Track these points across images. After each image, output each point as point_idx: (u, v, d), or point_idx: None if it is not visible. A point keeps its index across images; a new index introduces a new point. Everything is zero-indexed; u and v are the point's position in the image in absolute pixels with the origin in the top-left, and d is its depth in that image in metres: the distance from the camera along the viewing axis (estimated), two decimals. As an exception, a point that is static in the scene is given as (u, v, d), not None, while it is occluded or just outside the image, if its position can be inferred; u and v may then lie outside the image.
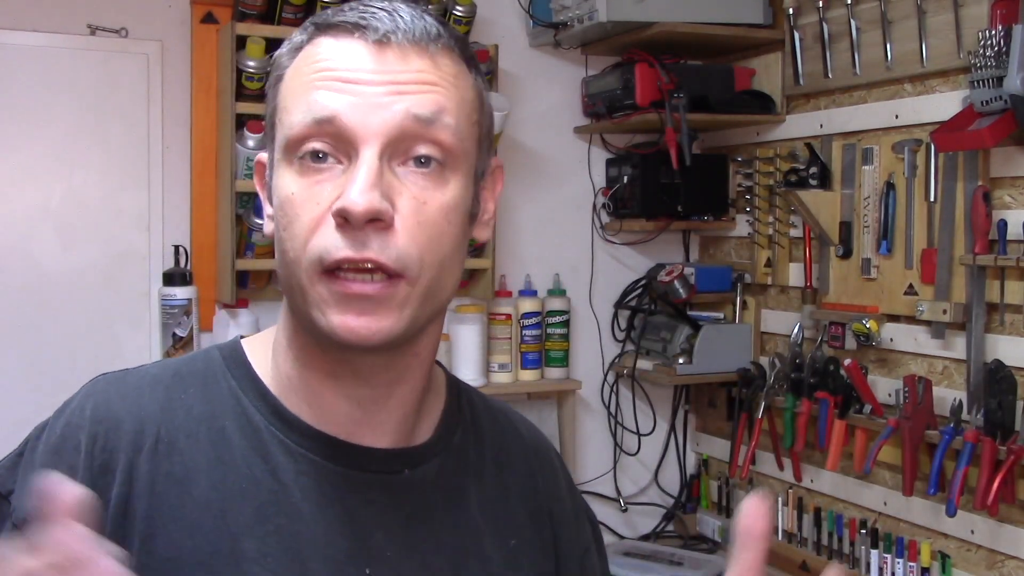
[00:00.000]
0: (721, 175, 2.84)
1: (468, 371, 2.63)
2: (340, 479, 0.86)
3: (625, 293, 2.94)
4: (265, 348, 0.92)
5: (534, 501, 0.98)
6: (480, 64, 0.89)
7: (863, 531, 2.40)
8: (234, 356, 0.91)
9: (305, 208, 0.80)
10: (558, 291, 2.81)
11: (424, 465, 0.90)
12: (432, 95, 0.81)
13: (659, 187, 2.73)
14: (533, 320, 2.75)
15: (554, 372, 2.80)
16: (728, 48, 2.77)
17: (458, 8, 2.53)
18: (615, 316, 2.95)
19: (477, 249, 2.56)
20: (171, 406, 0.87)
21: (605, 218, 2.90)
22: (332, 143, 0.80)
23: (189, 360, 0.93)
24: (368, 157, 0.79)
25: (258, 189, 0.92)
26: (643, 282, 2.92)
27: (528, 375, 2.76)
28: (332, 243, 0.78)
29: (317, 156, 0.80)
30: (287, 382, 0.89)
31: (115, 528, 0.82)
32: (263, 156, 0.90)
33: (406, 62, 0.81)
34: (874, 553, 2.36)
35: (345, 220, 0.78)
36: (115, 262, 2.49)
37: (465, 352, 2.64)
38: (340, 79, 0.80)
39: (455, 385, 0.99)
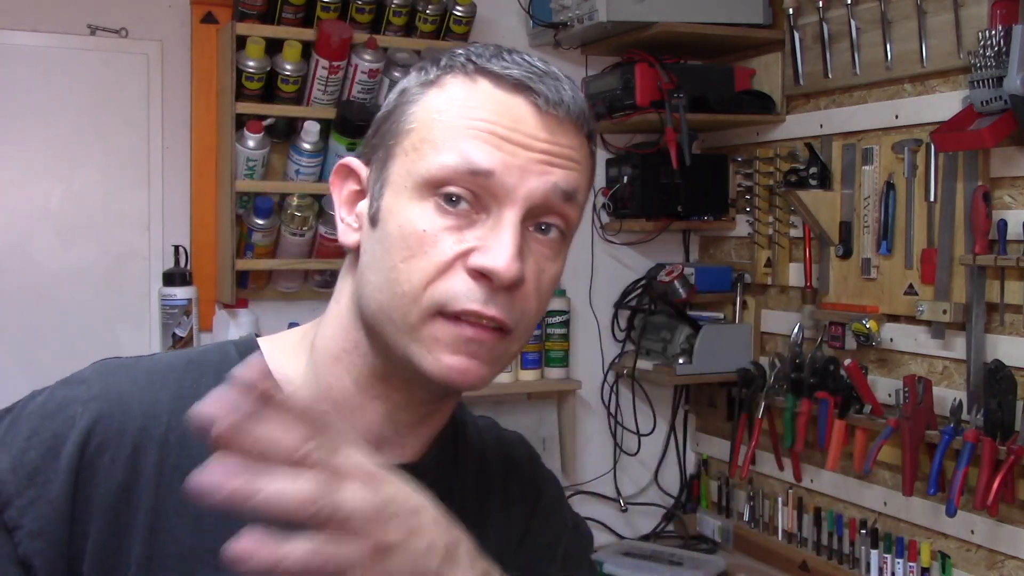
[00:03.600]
0: (721, 175, 2.84)
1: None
2: None
3: (625, 293, 2.94)
4: (293, 351, 0.91)
5: (523, 528, 0.98)
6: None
7: (863, 531, 2.40)
8: (250, 350, 0.91)
9: (436, 248, 0.80)
10: (558, 291, 2.81)
11: (426, 476, 0.89)
12: (576, 173, 0.84)
13: (659, 187, 2.73)
14: (533, 320, 2.75)
15: (554, 372, 2.80)
16: (728, 48, 2.77)
17: (458, 8, 2.53)
18: (615, 316, 2.95)
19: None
20: (183, 395, 0.86)
21: (605, 218, 2.90)
22: (475, 193, 0.80)
23: (203, 351, 0.92)
24: (513, 221, 0.80)
25: (334, 191, 0.90)
26: (643, 282, 2.92)
27: (528, 375, 2.76)
28: (463, 293, 0.80)
29: (451, 199, 0.80)
30: (326, 392, 0.88)
31: (116, 517, 0.81)
32: (353, 162, 0.89)
33: (563, 135, 0.83)
34: (874, 553, 2.36)
35: (485, 277, 0.79)
36: (115, 262, 2.49)
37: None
38: (501, 136, 0.81)
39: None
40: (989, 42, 1.98)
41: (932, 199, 2.23)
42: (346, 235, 0.87)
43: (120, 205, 2.49)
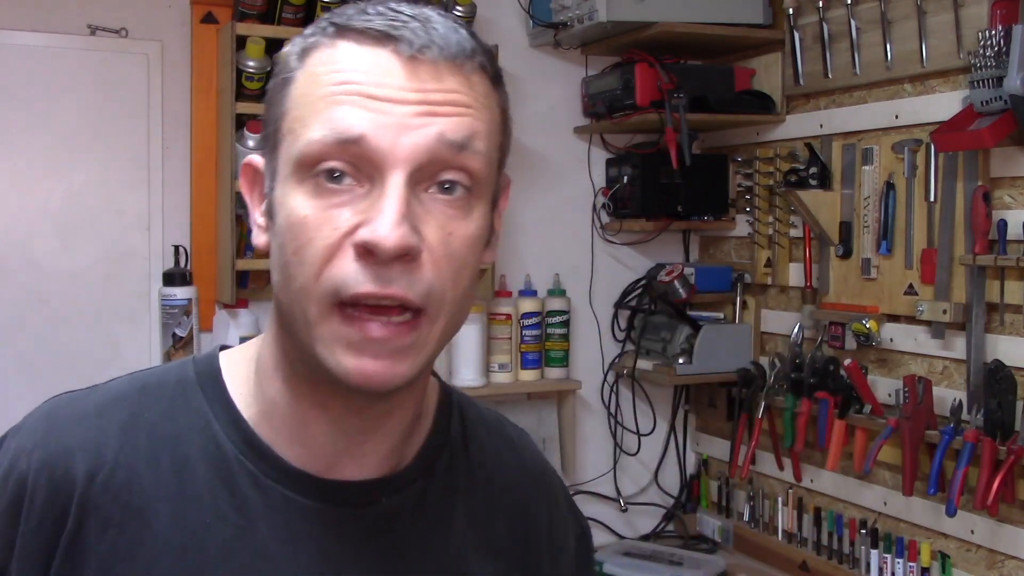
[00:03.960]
0: (721, 175, 2.84)
1: (468, 371, 2.62)
2: (314, 515, 0.80)
3: (625, 293, 2.94)
4: (247, 366, 0.85)
5: (525, 525, 0.93)
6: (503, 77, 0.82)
7: (863, 531, 2.40)
8: (209, 373, 0.84)
9: (320, 233, 0.73)
10: (558, 291, 2.81)
11: (404, 491, 0.85)
12: (466, 118, 0.75)
13: (659, 187, 2.73)
14: (533, 320, 2.75)
15: (554, 372, 2.80)
16: (728, 48, 2.77)
17: (458, 8, 2.53)
18: (615, 316, 2.95)
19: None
20: (134, 424, 0.80)
21: (605, 218, 2.90)
22: (353, 164, 0.73)
23: (162, 372, 0.86)
24: (396, 184, 0.72)
25: (245, 194, 0.84)
26: (643, 282, 2.92)
27: (528, 375, 2.76)
28: (352, 276, 0.72)
29: (333, 175, 0.73)
30: (270, 407, 0.82)
31: (66, 565, 0.76)
32: (255, 160, 0.82)
33: (439, 80, 0.74)
34: (874, 553, 2.36)
35: (370, 253, 0.72)
36: (115, 262, 2.49)
37: (465, 352, 2.64)
38: (367, 94, 0.73)
39: (447, 400, 0.93)
40: (989, 42, 1.98)
41: (932, 199, 2.23)
42: (257, 237, 0.81)
43: (120, 205, 2.49)
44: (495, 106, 0.79)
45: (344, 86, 0.74)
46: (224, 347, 0.88)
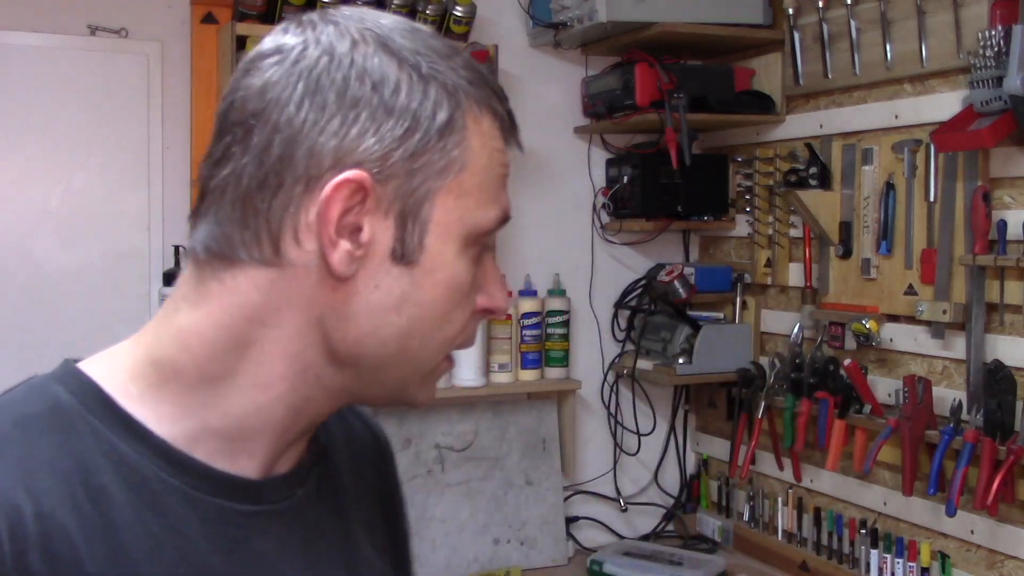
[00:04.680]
0: (721, 175, 2.84)
1: (468, 371, 2.62)
2: (244, 518, 0.77)
3: (625, 293, 2.94)
4: (140, 381, 0.77)
5: (383, 488, 0.97)
6: None
7: (863, 531, 2.40)
8: (89, 391, 0.76)
9: (469, 299, 0.80)
10: (558, 291, 2.81)
11: (308, 479, 0.84)
12: None
13: (659, 187, 2.73)
14: (533, 320, 2.75)
15: (554, 372, 2.80)
16: (728, 48, 2.77)
17: (458, 8, 2.53)
18: (615, 316, 2.95)
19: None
20: (32, 469, 0.70)
21: (605, 218, 2.90)
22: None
23: (22, 402, 0.76)
24: (494, 257, 0.83)
25: (333, 207, 0.72)
26: (643, 282, 2.92)
27: (528, 375, 2.76)
28: (473, 333, 0.83)
29: (485, 250, 0.81)
30: (199, 427, 0.76)
31: None
32: (368, 182, 0.73)
33: None
34: (874, 553, 2.36)
35: (489, 313, 0.83)
36: (115, 262, 2.49)
37: (465, 352, 2.59)
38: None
39: None
40: (989, 42, 1.98)
41: (932, 199, 2.23)
42: (347, 266, 0.73)
43: (120, 205, 2.49)
44: None
45: (505, 168, 0.80)
46: (70, 360, 0.80)
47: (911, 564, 2.28)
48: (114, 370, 0.78)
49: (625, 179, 2.77)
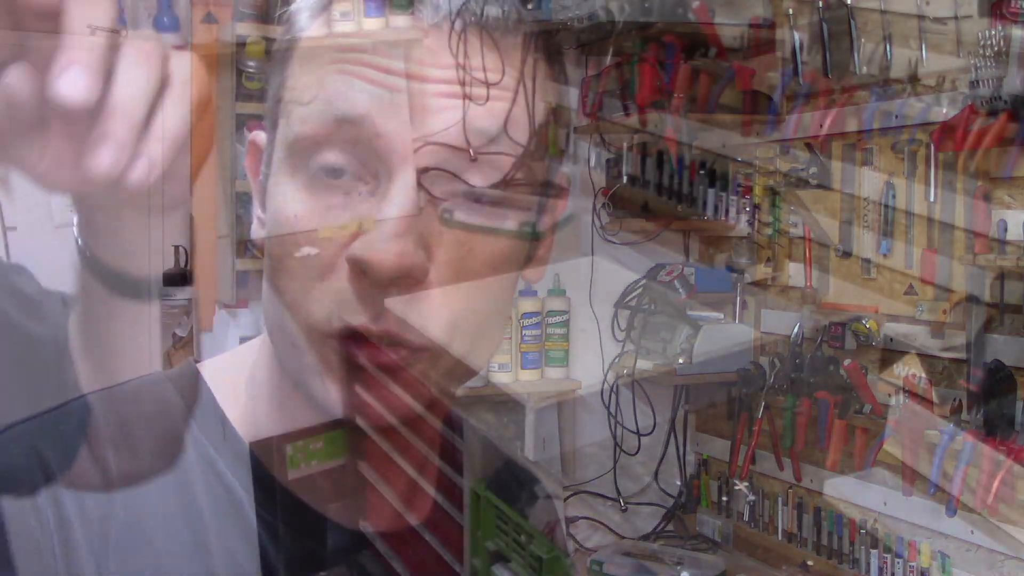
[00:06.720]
0: (721, 175, 2.84)
1: (468, 371, 2.62)
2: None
3: (625, 293, 2.94)
4: (236, 386, 0.71)
5: None
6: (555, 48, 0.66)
7: (863, 531, 2.40)
8: (194, 394, 0.70)
9: (312, 239, 0.60)
10: (558, 291, 2.81)
11: None
12: (501, 103, 0.59)
13: (659, 187, 2.73)
14: (533, 320, 2.75)
15: (554, 372, 2.79)
16: (728, 48, 2.76)
17: (458, 8, 2.53)
18: (615, 316, 2.95)
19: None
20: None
21: (605, 218, 2.90)
22: (354, 155, 0.59)
23: (134, 395, 0.71)
24: (403, 186, 0.57)
25: (250, 177, 0.68)
26: (643, 282, 2.92)
27: (528, 375, 2.76)
28: (345, 304, 0.59)
29: (333, 171, 0.59)
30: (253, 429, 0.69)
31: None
32: (260, 136, 0.67)
33: (471, 55, 0.59)
34: (874, 553, 2.35)
35: (363, 273, 0.58)
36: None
37: (465, 352, 2.63)
38: (375, 65, 0.57)
39: None
40: (989, 42, 1.98)
41: (932, 199, 2.23)
42: (257, 231, 0.67)
43: (120, 205, 2.49)
44: (542, 87, 0.62)
45: (349, 54, 0.60)
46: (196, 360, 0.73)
47: (911, 564, 2.28)
48: (232, 370, 0.78)
49: (625, 179, 2.77)
